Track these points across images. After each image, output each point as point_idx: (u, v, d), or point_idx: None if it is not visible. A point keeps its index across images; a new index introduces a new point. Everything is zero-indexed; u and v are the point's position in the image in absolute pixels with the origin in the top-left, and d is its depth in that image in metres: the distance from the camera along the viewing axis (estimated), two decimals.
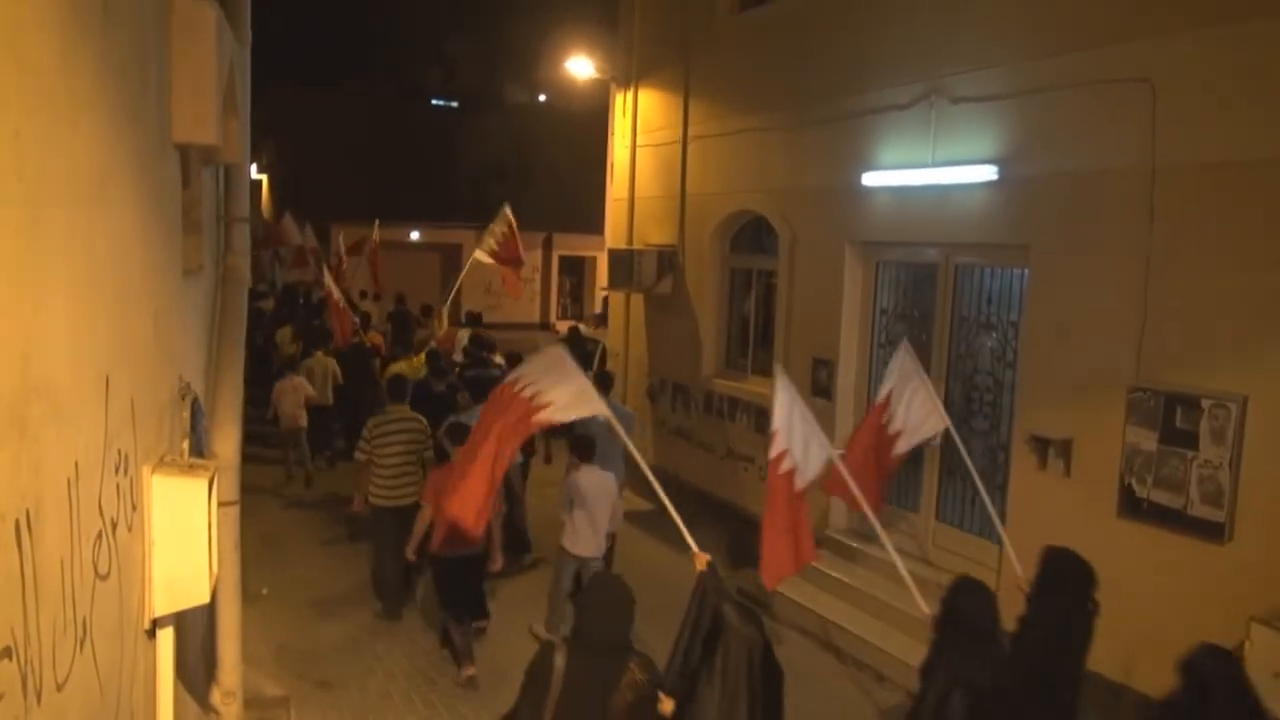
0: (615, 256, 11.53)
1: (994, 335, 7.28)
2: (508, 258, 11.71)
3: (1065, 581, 4.51)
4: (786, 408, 5.20)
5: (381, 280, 14.26)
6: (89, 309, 2.10)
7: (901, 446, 5.88)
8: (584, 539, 6.70)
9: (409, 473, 7.26)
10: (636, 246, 11.44)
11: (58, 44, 1.88)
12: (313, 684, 6.42)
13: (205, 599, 2.86)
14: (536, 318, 29.29)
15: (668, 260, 10.94)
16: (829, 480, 5.60)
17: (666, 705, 3.74)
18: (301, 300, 18.03)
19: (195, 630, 4.33)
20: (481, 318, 13.80)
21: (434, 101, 32.14)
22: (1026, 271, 6.73)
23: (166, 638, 2.90)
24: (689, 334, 10.65)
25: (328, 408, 11.41)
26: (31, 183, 1.76)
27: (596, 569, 6.48)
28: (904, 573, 5.41)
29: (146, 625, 2.75)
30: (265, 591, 7.72)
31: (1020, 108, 6.65)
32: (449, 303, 12.75)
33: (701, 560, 4.48)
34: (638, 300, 11.66)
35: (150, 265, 2.85)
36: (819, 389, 8.66)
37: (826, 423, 8.50)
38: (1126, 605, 5.62)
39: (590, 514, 6.65)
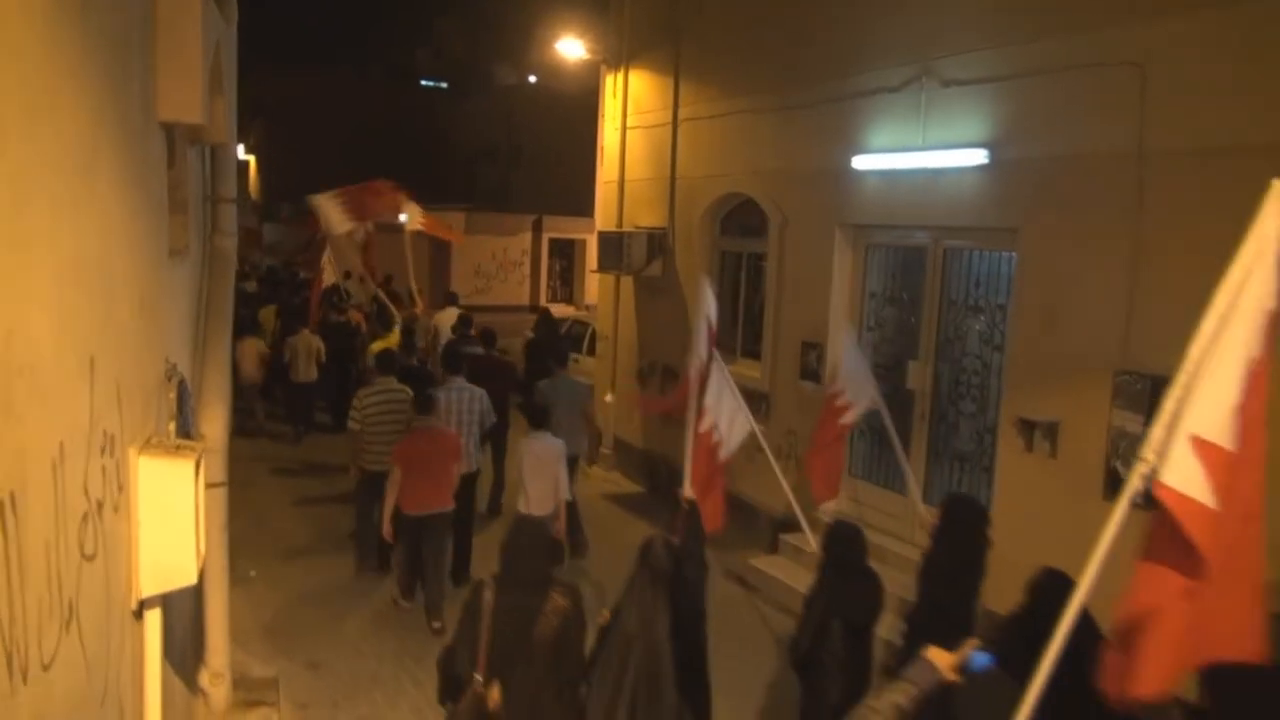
0: (605, 239, 11.51)
1: (982, 318, 7.30)
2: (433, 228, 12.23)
3: (960, 522, 4.91)
4: (717, 387, 5.87)
5: (373, 264, 14.25)
6: (73, 289, 2.08)
7: (850, 416, 6.58)
8: (535, 500, 7.06)
9: (397, 439, 7.46)
10: (626, 229, 11.42)
11: (41, 23, 1.86)
12: (301, 664, 6.43)
13: (192, 580, 2.85)
14: (526, 300, 29.26)
15: (658, 243, 10.92)
16: (808, 453, 6.48)
17: (604, 615, 4.28)
18: (285, 280, 18.45)
19: (183, 612, 4.33)
20: (458, 298, 14.31)
21: (423, 82, 31.94)
22: (1015, 255, 6.75)
23: (154, 619, 2.90)
24: (679, 317, 10.65)
25: (311, 383, 11.98)
26: (15, 162, 1.74)
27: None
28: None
29: (133, 606, 2.75)
30: (253, 573, 7.73)
31: (1010, 91, 6.65)
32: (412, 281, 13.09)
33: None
34: (627, 283, 11.65)
35: (135, 245, 2.83)
36: (808, 372, 8.69)
37: (816, 406, 8.55)
38: (1111, 585, 5.67)
39: (538, 477, 6.99)
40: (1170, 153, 5.60)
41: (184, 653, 4.43)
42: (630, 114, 11.62)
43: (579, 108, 18.41)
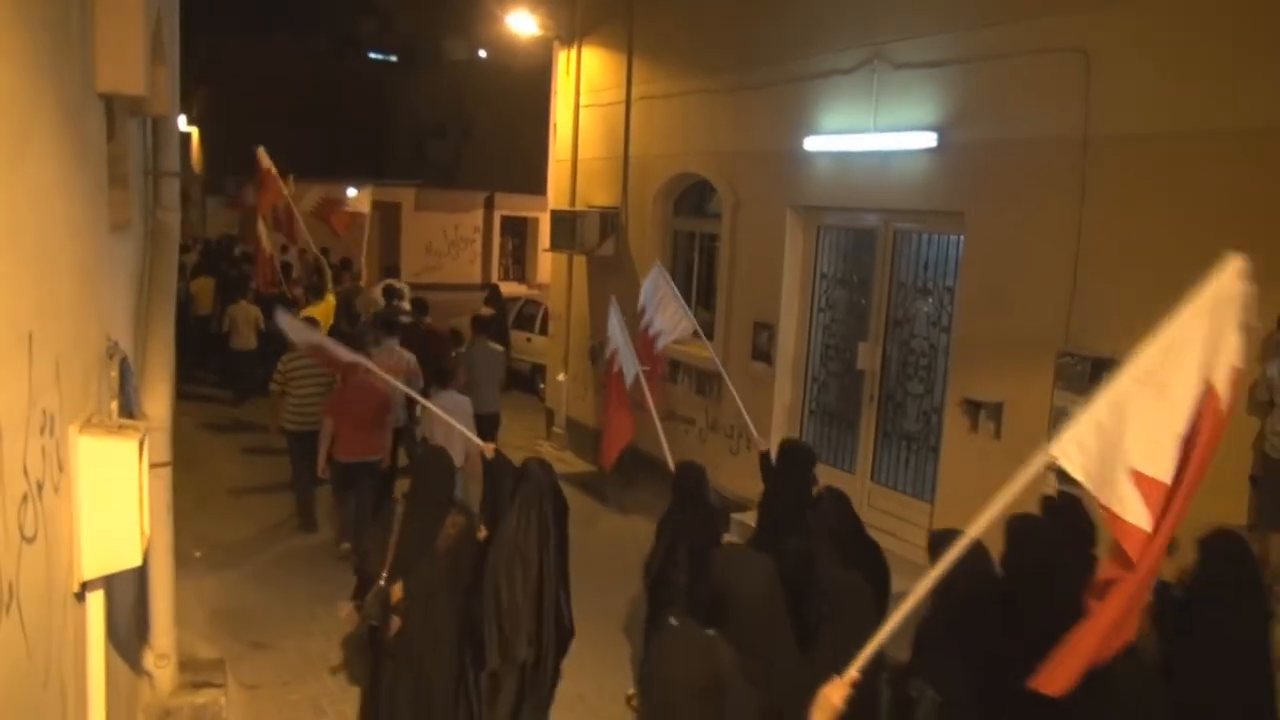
0: (558, 218, 11.46)
1: (930, 300, 7.41)
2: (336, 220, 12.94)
3: (793, 462, 5.66)
4: (617, 330, 6.86)
5: (303, 236, 14.06)
6: (9, 264, 2.03)
7: (659, 344, 7.12)
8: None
9: (317, 401, 8.13)
10: (579, 208, 11.37)
11: None
12: (249, 645, 6.37)
13: (137, 562, 2.81)
14: (478, 278, 29.03)
15: (610, 222, 10.90)
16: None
17: (482, 532, 4.95)
18: (225, 253, 18.93)
19: (127, 593, 4.26)
20: (397, 270, 15.31)
21: (372, 55, 31.35)
22: (962, 238, 6.86)
23: (96, 601, 2.85)
24: (631, 296, 10.63)
25: (251, 351, 12.53)
26: None
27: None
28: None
29: (75, 589, 2.70)
30: (199, 554, 7.62)
31: (960, 75, 6.73)
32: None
33: (489, 450, 5.61)
34: (580, 262, 11.61)
35: (74, 220, 2.76)
36: (759, 353, 8.76)
37: (767, 386, 8.63)
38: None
39: (446, 430, 7.32)
40: (1113, 138, 5.72)
41: (128, 635, 4.36)
42: (583, 92, 11.55)
43: (532, 84, 18.21)
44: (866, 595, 3.57)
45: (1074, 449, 2.74)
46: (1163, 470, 2.62)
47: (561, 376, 11.95)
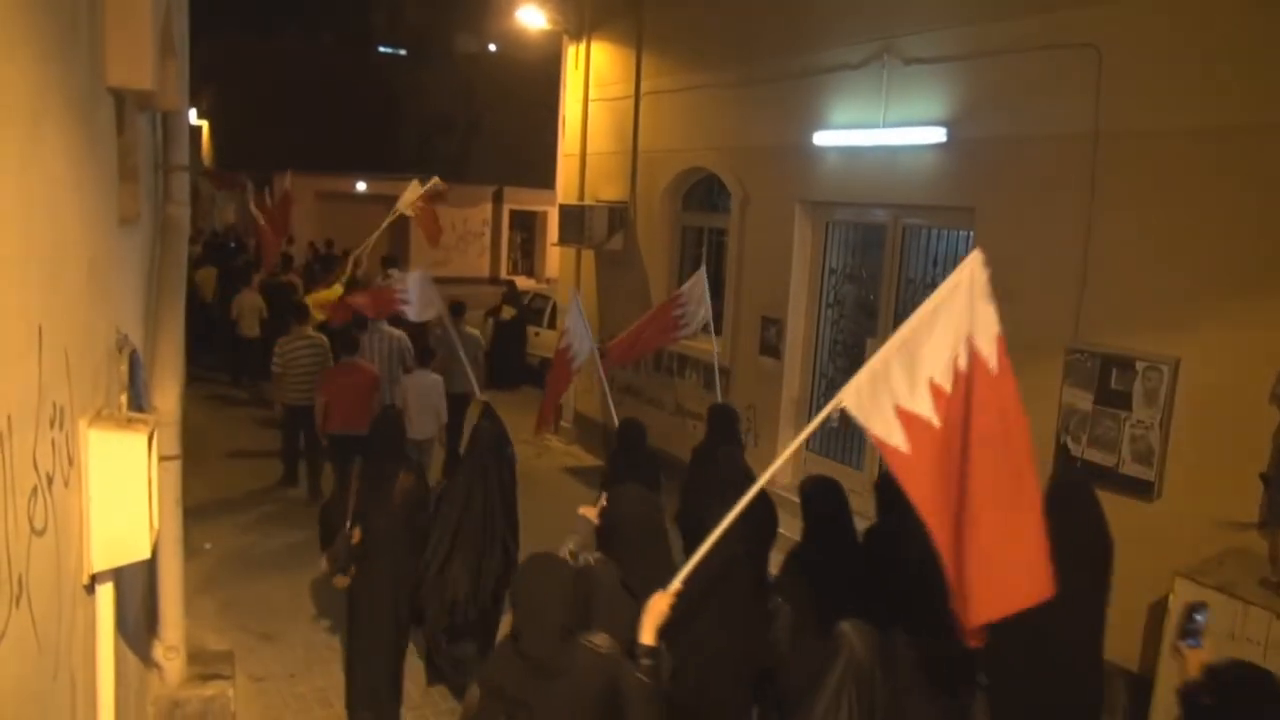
0: (566, 212, 11.45)
1: None
2: (429, 225, 12.50)
3: (722, 427, 6.41)
4: (574, 317, 7.58)
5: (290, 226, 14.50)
6: (20, 257, 2.03)
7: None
8: (417, 425, 8.07)
9: (312, 379, 8.91)
10: (588, 202, 11.36)
11: None
12: (257, 637, 6.40)
13: (146, 554, 2.81)
14: (486, 272, 29.03)
15: (619, 217, 10.89)
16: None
17: (440, 483, 5.90)
18: (232, 244, 19.73)
19: (136, 586, 4.28)
20: (396, 260, 16.00)
21: (381, 49, 31.33)
22: (971, 234, 6.83)
23: (106, 593, 2.86)
24: (639, 291, 10.65)
25: (255, 338, 12.98)
26: None
27: (428, 444, 8.50)
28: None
29: (85, 581, 2.70)
30: (208, 546, 7.65)
31: (971, 70, 6.70)
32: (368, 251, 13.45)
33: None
34: (589, 256, 11.61)
35: (84, 213, 2.76)
36: (767, 348, 8.75)
37: (775, 380, 8.61)
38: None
39: (420, 406, 8.20)
40: (1124, 135, 5.69)
41: (138, 627, 4.38)
42: (592, 86, 11.54)
43: (541, 78, 18.21)
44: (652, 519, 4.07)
45: (854, 395, 3.29)
46: (920, 406, 3.23)
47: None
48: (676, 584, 3.24)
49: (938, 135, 6.81)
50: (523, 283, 20.83)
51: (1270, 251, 5.07)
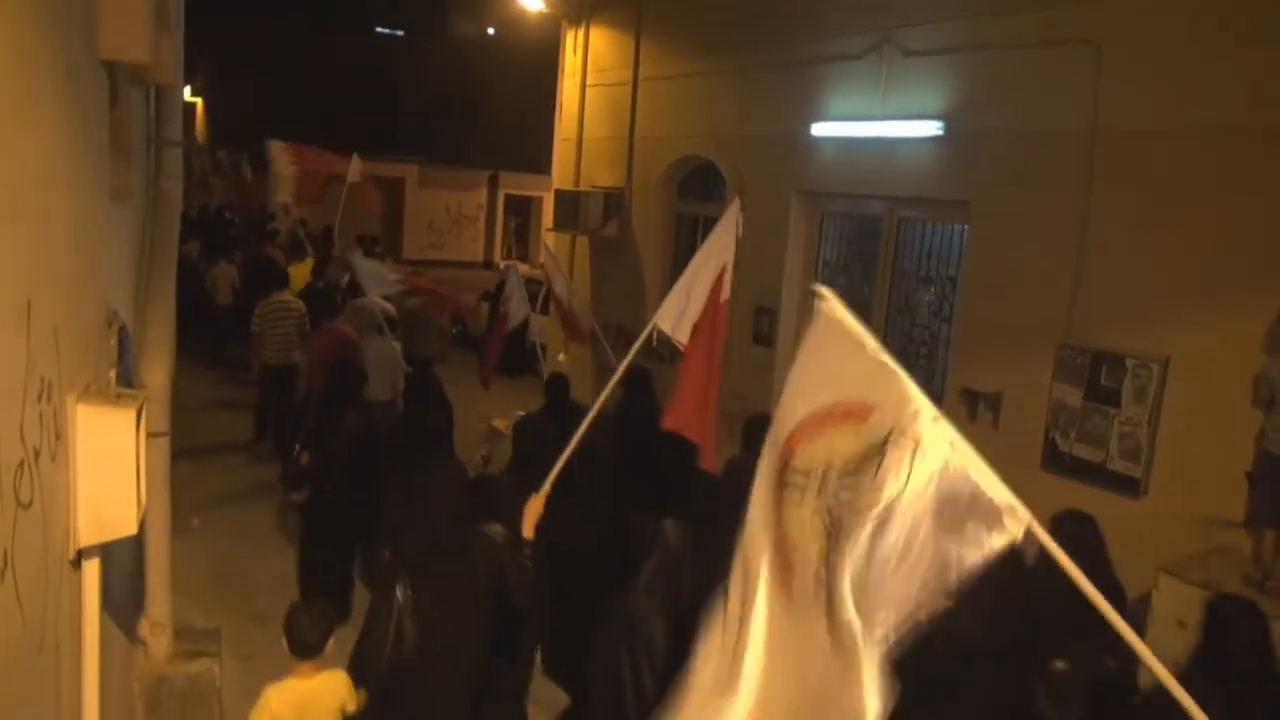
0: (561, 197, 11.42)
1: (932, 290, 7.40)
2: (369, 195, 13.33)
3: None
4: (516, 284, 8.82)
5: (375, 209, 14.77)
6: (8, 230, 2.02)
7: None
8: (376, 389, 8.34)
9: (288, 340, 9.49)
10: (583, 188, 11.33)
11: None
12: (246, 617, 6.39)
13: (133, 530, 2.81)
14: (480, 256, 28.95)
15: (614, 203, 10.87)
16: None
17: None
18: (211, 219, 20.04)
19: (124, 561, 4.28)
20: (373, 241, 16.30)
21: (379, 30, 31.14)
22: (966, 228, 6.84)
23: (92, 568, 2.85)
24: (633, 278, 10.64)
25: (228, 306, 13.51)
26: None
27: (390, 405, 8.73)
28: None
29: (71, 556, 2.70)
30: (196, 523, 7.63)
31: (969, 64, 6.69)
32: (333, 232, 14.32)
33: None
34: (583, 242, 11.58)
35: (76, 188, 2.75)
36: (760, 337, 8.75)
37: (767, 370, 8.61)
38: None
39: (379, 372, 8.40)
40: (1122, 132, 5.69)
41: (124, 602, 4.38)
42: (590, 71, 11.49)
43: (538, 63, 18.09)
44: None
45: (665, 315, 4.84)
46: (699, 314, 4.83)
47: (562, 356, 11.93)
48: (546, 488, 4.07)
49: (935, 129, 6.81)
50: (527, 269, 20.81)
51: (1263, 253, 5.08)
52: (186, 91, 14.76)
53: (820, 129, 7.86)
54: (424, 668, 3.88)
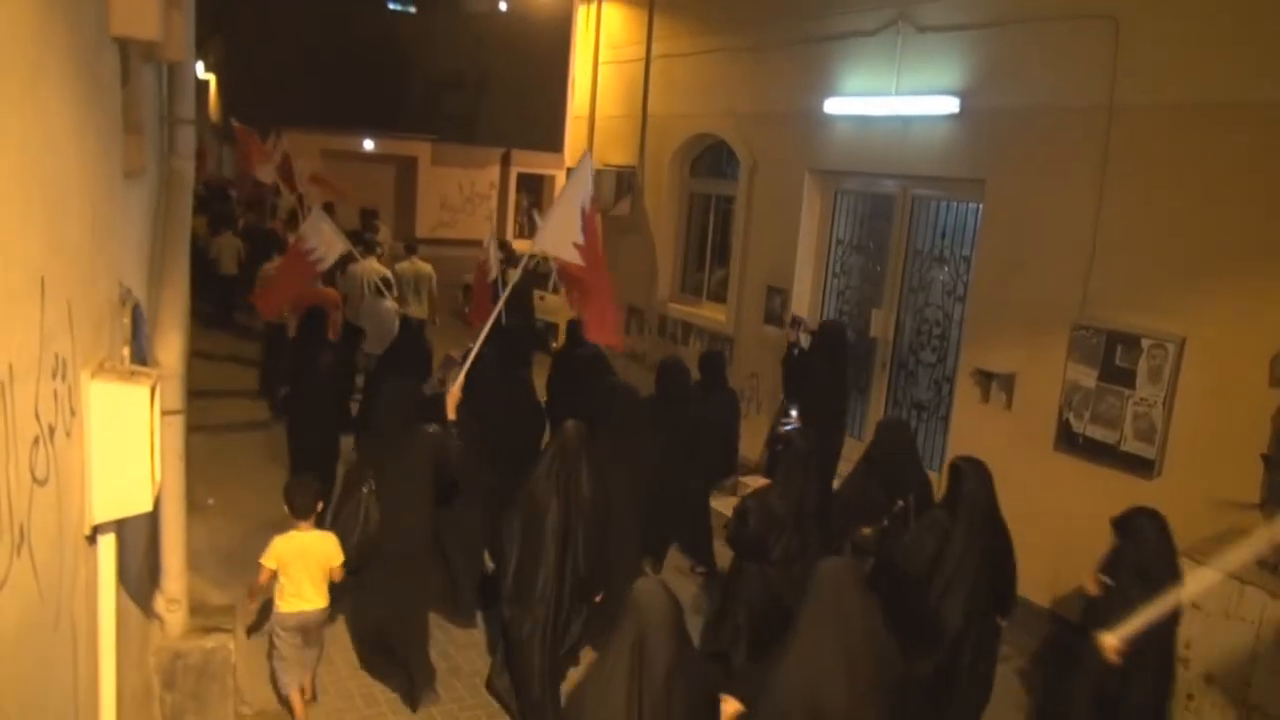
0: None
1: (946, 269, 7.36)
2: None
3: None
4: (491, 248, 9.00)
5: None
6: (22, 207, 2.02)
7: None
8: (372, 343, 9.55)
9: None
10: (596, 166, 11.27)
11: None
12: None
13: (148, 507, 2.83)
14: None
15: (627, 181, 10.82)
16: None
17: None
18: (215, 193, 20.41)
19: (139, 538, 4.31)
20: (378, 213, 17.17)
21: (391, 5, 30.98)
22: (981, 207, 6.78)
23: (108, 544, 2.88)
24: (645, 257, 10.61)
25: (233, 275, 14.32)
26: None
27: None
28: None
29: (87, 532, 2.72)
30: (211, 501, 7.68)
31: (985, 39, 6.61)
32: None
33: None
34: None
35: (88, 165, 2.75)
36: (771, 316, 8.73)
37: (778, 349, 8.60)
38: (1058, 535, 5.83)
39: (376, 326, 9.73)
40: (1139, 108, 5.62)
41: (140, 578, 4.42)
42: (603, 49, 11.41)
43: (551, 40, 17.98)
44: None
45: (543, 240, 6.25)
46: (579, 235, 6.13)
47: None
48: (456, 391, 5.76)
49: (950, 105, 6.74)
50: (527, 246, 20.81)
51: None
52: (199, 69, 15.04)
53: (834, 106, 7.80)
54: (386, 540, 5.18)
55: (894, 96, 7.22)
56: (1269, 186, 5.04)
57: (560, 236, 6.19)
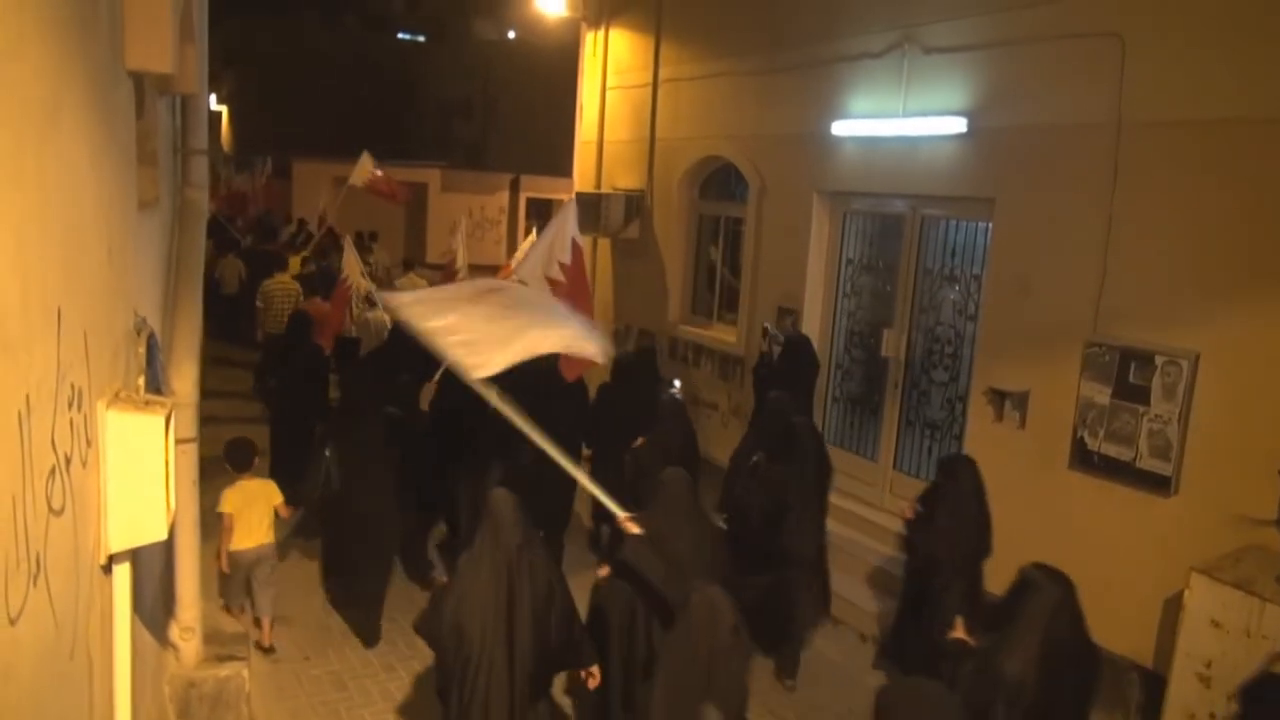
0: (583, 200, 11.41)
1: (957, 288, 7.35)
2: (385, 193, 14.47)
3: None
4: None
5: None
6: (39, 239, 2.04)
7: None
8: (365, 348, 10.23)
9: (284, 313, 11.05)
10: (604, 190, 11.34)
11: None
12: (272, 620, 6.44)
13: (163, 536, 2.84)
14: (503, 260, 28.98)
15: (635, 205, 10.87)
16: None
17: None
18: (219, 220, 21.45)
19: (153, 566, 4.32)
20: (376, 235, 18.39)
21: (400, 35, 31.35)
22: (991, 225, 6.78)
23: (123, 573, 2.88)
24: (655, 280, 10.64)
25: (234, 294, 15.06)
26: None
27: None
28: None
29: (102, 561, 2.73)
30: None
31: (991, 59, 6.64)
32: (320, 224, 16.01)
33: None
34: (605, 244, 11.60)
35: (103, 197, 2.78)
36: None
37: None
38: (1073, 553, 5.77)
39: (366, 336, 10.47)
40: (1147, 125, 5.62)
41: (154, 607, 4.43)
42: (610, 74, 11.50)
43: (558, 66, 18.16)
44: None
45: (523, 270, 7.28)
46: (565, 257, 7.38)
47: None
48: (432, 386, 7.13)
49: (958, 125, 6.76)
50: None
51: None
52: (211, 101, 15.41)
53: (841, 127, 7.83)
54: (350, 501, 6.26)
55: (901, 118, 7.25)
56: (1278, 200, 5.03)
57: (544, 263, 7.49)
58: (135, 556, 2.97)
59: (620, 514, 4.59)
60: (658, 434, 6.22)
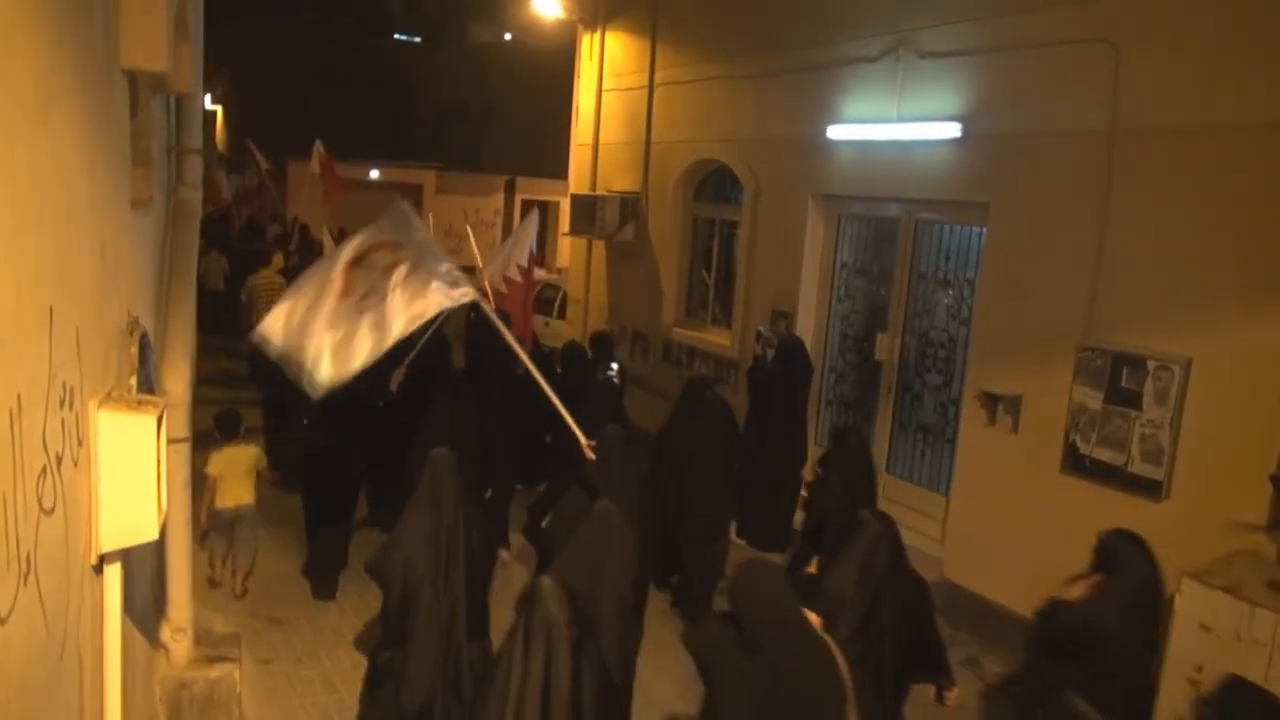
0: (578, 202, 11.44)
1: (950, 292, 7.36)
2: (333, 186, 14.93)
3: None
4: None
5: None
6: (31, 237, 2.04)
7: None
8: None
9: (270, 307, 10.89)
10: (600, 193, 11.35)
11: None
12: (265, 621, 6.43)
13: (154, 536, 2.83)
14: None
15: (630, 207, 10.87)
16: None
17: None
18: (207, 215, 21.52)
19: (145, 567, 4.31)
20: (344, 231, 17.79)
21: (396, 36, 31.32)
22: (985, 230, 6.80)
23: (114, 573, 2.87)
24: (650, 282, 10.64)
25: (219, 291, 15.11)
26: None
27: None
28: None
29: (93, 561, 2.72)
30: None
31: (986, 65, 6.66)
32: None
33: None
34: (600, 247, 11.60)
35: (97, 196, 2.77)
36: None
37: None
38: (1065, 557, 5.78)
39: None
40: (1140, 131, 5.65)
41: (145, 607, 4.41)
42: (606, 76, 11.51)
43: (554, 68, 18.15)
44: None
45: (489, 272, 8.18)
46: (523, 260, 8.52)
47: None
48: (401, 371, 7.33)
49: (952, 130, 6.78)
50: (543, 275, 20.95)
51: None
52: (206, 100, 15.62)
53: (837, 132, 7.84)
54: (329, 451, 6.88)
55: (896, 123, 7.27)
56: (1272, 207, 5.05)
57: (503, 266, 8.44)
58: (126, 557, 2.96)
59: (583, 439, 5.12)
60: (583, 414, 6.40)
